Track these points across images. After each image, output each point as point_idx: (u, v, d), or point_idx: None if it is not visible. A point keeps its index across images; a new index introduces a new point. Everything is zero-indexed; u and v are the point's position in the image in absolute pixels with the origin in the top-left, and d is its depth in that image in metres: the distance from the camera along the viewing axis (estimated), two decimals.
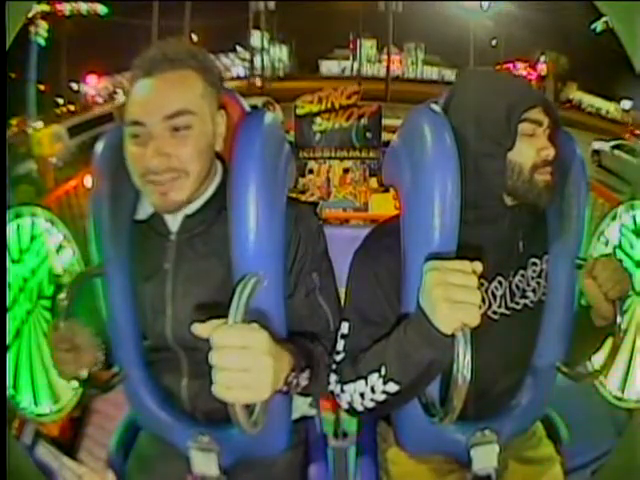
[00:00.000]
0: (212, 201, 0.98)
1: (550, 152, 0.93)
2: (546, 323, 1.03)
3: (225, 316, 0.71)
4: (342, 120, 3.09)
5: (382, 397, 0.89)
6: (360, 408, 0.94)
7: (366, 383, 0.90)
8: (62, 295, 0.91)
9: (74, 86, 21.74)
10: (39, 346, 0.98)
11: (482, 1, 23.16)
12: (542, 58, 22.90)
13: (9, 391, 0.92)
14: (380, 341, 0.91)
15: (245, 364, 0.68)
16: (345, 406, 0.98)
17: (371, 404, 0.92)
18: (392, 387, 0.87)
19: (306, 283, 0.99)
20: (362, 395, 0.91)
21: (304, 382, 0.86)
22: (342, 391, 0.95)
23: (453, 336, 0.80)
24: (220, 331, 0.68)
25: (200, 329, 0.72)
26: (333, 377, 0.98)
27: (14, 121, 11.11)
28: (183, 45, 0.95)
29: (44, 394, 1.00)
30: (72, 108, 18.70)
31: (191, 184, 0.91)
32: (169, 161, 0.88)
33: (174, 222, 0.98)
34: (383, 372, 0.87)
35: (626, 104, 19.91)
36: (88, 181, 3.18)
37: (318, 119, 3.09)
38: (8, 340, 0.92)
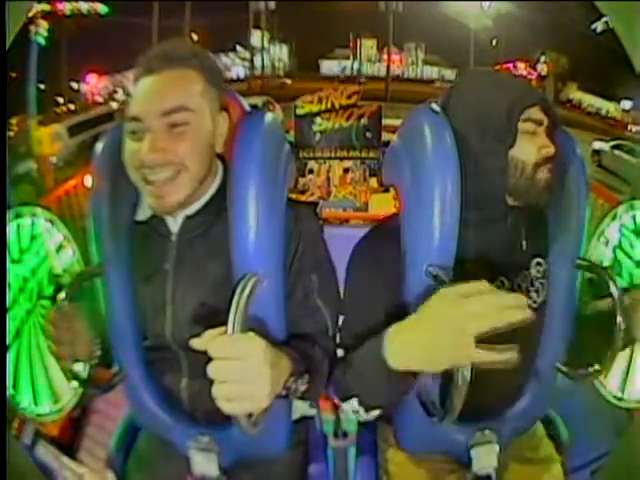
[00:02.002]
0: (212, 202, 0.98)
1: (550, 150, 0.93)
2: (547, 322, 1.03)
3: (225, 317, 0.71)
4: (342, 120, 3.09)
5: (370, 418, 0.92)
6: (362, 419, 0.96)
7: (350, 406, 0.91)
8: (62, 295, 0.91)
9: (74, 85, 21.74)
10: (39, 346, 0.98)
11: (482, 1, 23.16)
12: (542, 58, 22.89)
13: (9, 391, 0.92)
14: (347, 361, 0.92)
15: (243, 375, 0.68)
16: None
17: (370, 419, 0.93)
18: (375, 412, 0.90)
19: (304, 284, 0.99)
20: (353, 412, 0.92)
21: (303, 387, 0.87)
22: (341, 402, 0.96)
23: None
24: (217, 343, 0.68)
25: (198, 343, 0.72)
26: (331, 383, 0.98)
27: (14, 120, 11.11)
28: (186, 45, 0.96)
29: (44, 394, 0.99)
30: (72, 107, 18.70)
31: (189, 182, 0.90)
32: (165, 156, 0.87)
33: (174, 223, 0.98)
34: (361, 400, 0.88)
35: (626, 104, 19.91)
36: (88, 181, 3.18)
37: (318, 119, 3.09)
38: (8, 340, 0.92)
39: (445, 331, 0.72)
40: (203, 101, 0.91)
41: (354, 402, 0.89)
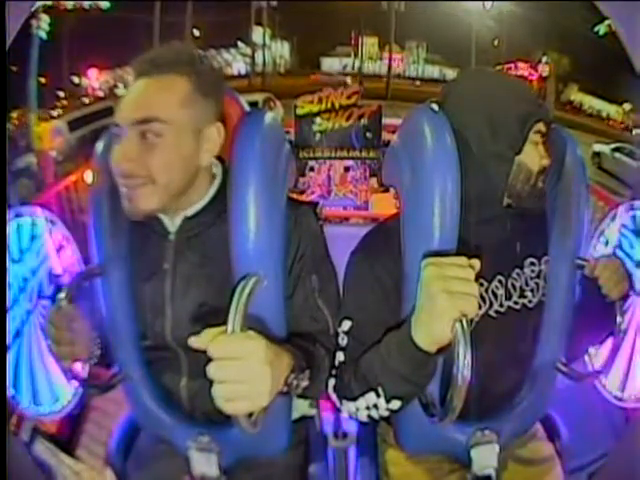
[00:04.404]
0: (213, 203, 0.98)
1: (547, 161, 0.96)
2: (546, 323, 1.03)
3: (225, 317, 0.71)
4: (342, 120, 3.07)
5: (386, 413, 0.91)
6: (364, 420, 0.94)
7: (366, 402, 0.90)
8: (62, 295, 0.91)
9: (75, 80, 21.69)
10: (39, 346, 0.98)
11: (484, 1, 23.12)
12: (544, 59, 22.82)
13: (9, 391, 0.92)
14: (373, 350, 0.91)
15: (242, 375, 0.68)
16: (346, 415, 0.98)
17: (376, 417, 0.92)
18: (395, 404, 0.88)
19: (305, 285, 0.98)
20: (366, 409, 0.92)
21: (304, 383, 0.86)
22: (341, 404, 0.96)
23: (436, 354, 0.80)
24: (217, 343, 0.68)
25: (197, 341, 0.71)
26: (332, 382, 0.98)
27: (15, 114, 11.10)
28: (181, 50, 0.92)
29: (44, 394, 0.99)
30: (73, 102, 18.66)
31: (159, 194, 0.89)
32: (134, 167, 0.86)
33: (173, 223, 0.98)
34: (381, 392, 0.87)
35: (627, 106, 19.90)
36: (88, 176, 3.17)
37: (318, 119, 3.07)
38: (8, 340, 0.92)
39: (437, 290, 0.75)
40: (184, 112, 0.89)
41: (371, 395, 0.89)
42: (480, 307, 0.98)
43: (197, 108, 0.90)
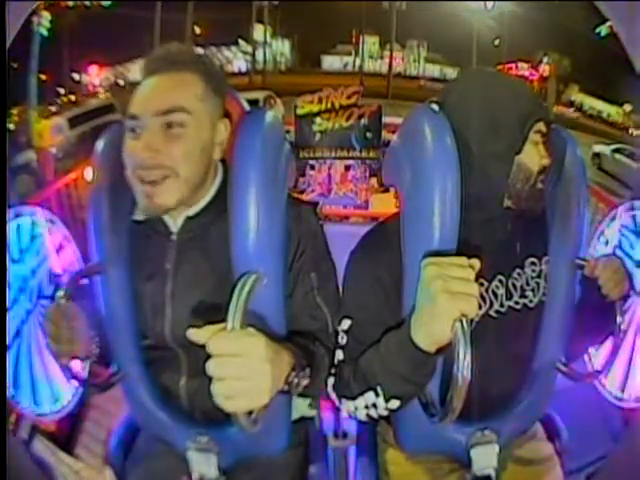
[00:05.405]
0: (213, 203, 0.98)
1: (548, 161, 0.95)
2: (546, 323, 1.03)
3: (225, 315, 0.70)
4: (342, 120, 3.07)
5: (385, 412, 0.91)
6: (363, 419, 0.95)
7: (365, 401, 0.91)
8: (61, 293, 0.91)
9: (75, 76, 21.67)
10: (39, 346, 0.98)
11: (486, 1, 23.09)
12: (545, 59, 22.81)
13: (9, 391, 0.92)
14: (372, 349, 0.91)
15: (242, 372, 0.67)
16: (345, 414, 0.98)
17: (375, 416, 0.93)
18: (394, 403, 0.88)
19: (305, 283, 0.99)
20: (365, 408, 0.92)
21: (305, 381, 0.86)
22: (340, 403, 0.96)
23: (436, 354, 0.80)
24: (216, 339, 0.67)
25: (196, 335, 0.71)
26: (331, 380, 0.98)
27: (15, 110, 11.09)
28: (189, 49, 0.96)
29: (44, 394, 0.99)
30: (73, 98, 18.64)
31: (180, 187, 0.90)
32: (158, 157, 0.87)
33: (174, 223, 0.98)
34: (380, 391, 0.88)
35: (627, 107, 19.90)
36: (88, 173, 3.16)
37: (318, 119, 3.06)
38: (8, 340, 0.91)
39: (437, 290, 0.75)
40: (202, 105, 0.91)
41: (370, 395, 0.89)
42: (480, 307, 0.98)
43: (210, 103, 0.93)
